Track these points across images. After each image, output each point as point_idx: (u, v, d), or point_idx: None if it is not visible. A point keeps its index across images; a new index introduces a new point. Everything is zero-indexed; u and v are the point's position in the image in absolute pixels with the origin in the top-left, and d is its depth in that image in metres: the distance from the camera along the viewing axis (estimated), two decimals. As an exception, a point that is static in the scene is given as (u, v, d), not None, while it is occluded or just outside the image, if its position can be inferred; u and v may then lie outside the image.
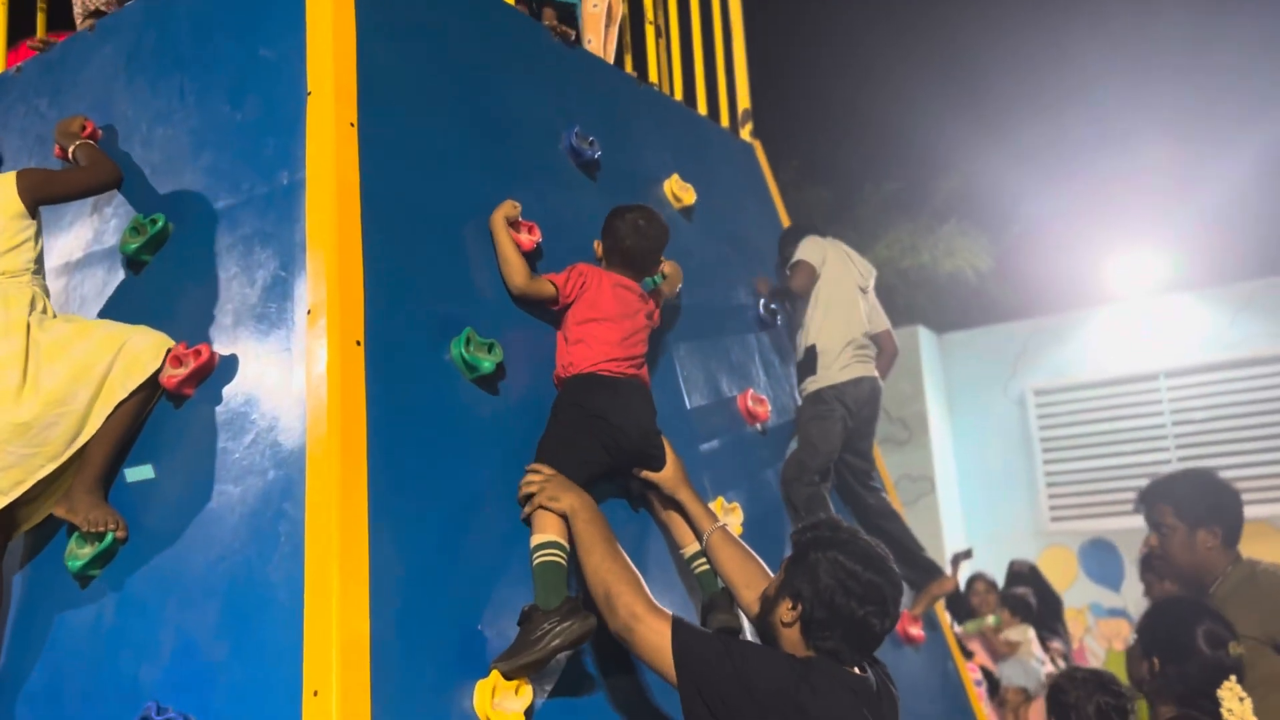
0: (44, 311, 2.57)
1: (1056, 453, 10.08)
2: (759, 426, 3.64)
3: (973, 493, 10.45)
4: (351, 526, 2.10)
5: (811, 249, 4.09)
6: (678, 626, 2.12)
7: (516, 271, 2.78)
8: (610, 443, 2.68)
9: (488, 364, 2.54)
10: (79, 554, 2.40)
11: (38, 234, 2.64)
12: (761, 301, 3.98)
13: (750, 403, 3.60)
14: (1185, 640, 2.58)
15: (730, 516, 3.19)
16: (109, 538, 2.38)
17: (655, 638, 2.12)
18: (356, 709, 1.96)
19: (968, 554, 7.34)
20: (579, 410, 2.69)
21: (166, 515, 2.39)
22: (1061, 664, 6.30)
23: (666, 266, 3.19)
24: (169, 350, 2.48)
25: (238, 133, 2.70)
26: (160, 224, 2.70)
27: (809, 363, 3.96)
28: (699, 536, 2.81)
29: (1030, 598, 6.53)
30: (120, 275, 2.79)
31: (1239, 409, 9.15)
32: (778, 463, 3.69)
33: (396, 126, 2.68)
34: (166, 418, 2.51)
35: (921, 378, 10.28)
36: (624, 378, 2.77)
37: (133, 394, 2.43)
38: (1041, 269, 11.06)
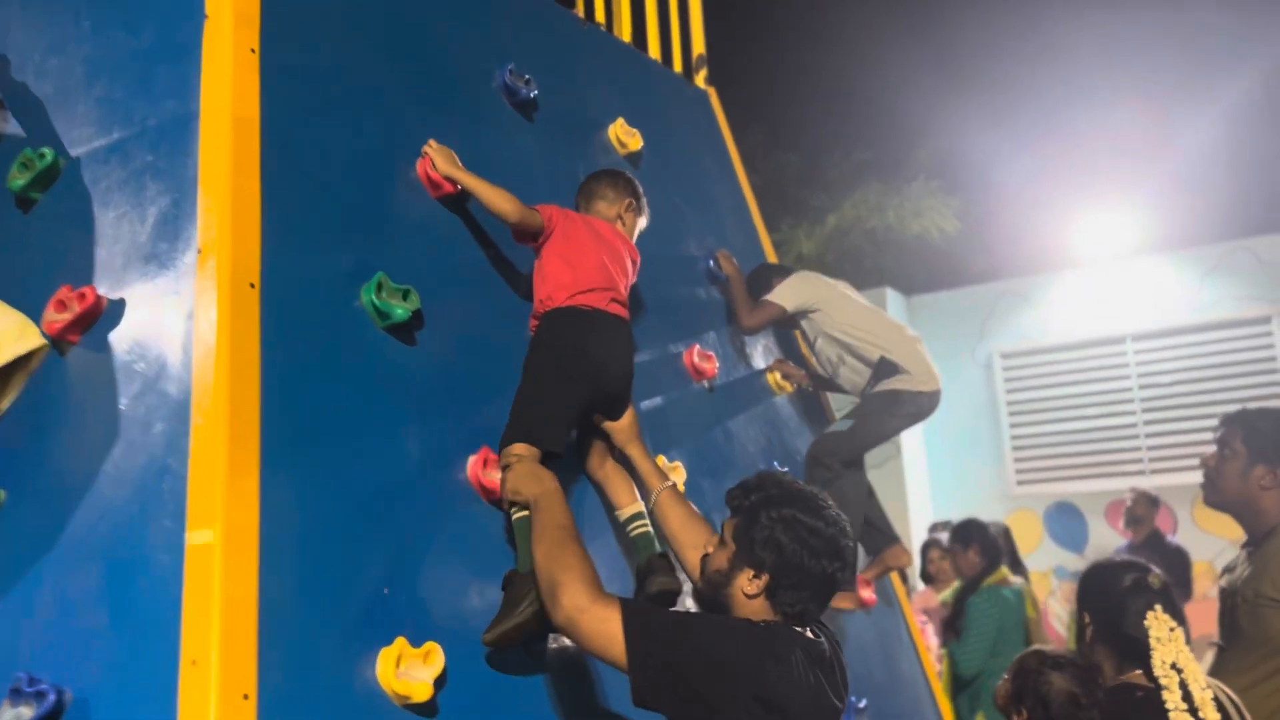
0: None
1: (1023, 416, 10.01)
2: (706, 384, 3.49)
3: (939, 456, 10.38)
4: (239, 483, 1.94)
5: (794, 290, 3.82)
6: (627, 608, 1.95)
7: (507, 202, 2.61)
8: (591, 378, 2.56)
9: (401, 311, 2.37)
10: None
11: None
12: (711, 261, 3.81)
13: (696, 359, 3.44)
14: (1111, 591, 2.45)
15: (672, 476, 3.04)
16: None
17: (602, 625, 1.93)
18: (239, 679, 1.81)
19: (946, 526, 7.24)
20: (557, 347, 2.55)
21: (49, 471, 2.21)
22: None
23: None
24: (37, 335, 2.28)
25: (133, 61, 2.50)
26: (49, 159, 2.50)
27: (887, 369, 3.76)
28: (645, 495, 2.69)
29: None
30: (8, 214, 2.59)
31: (1206, 373, 9.09)
32: (726, 420, 3.54)
33: (305, 55, 2.49)
34: (51, 366, 2.32)
35: (889, 340, 10.15)
36: (605, 313, 2.63)
37: None
38: (1010, 231, 10.94)
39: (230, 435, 1.95)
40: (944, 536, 7.42)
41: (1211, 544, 8.44)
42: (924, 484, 10.31)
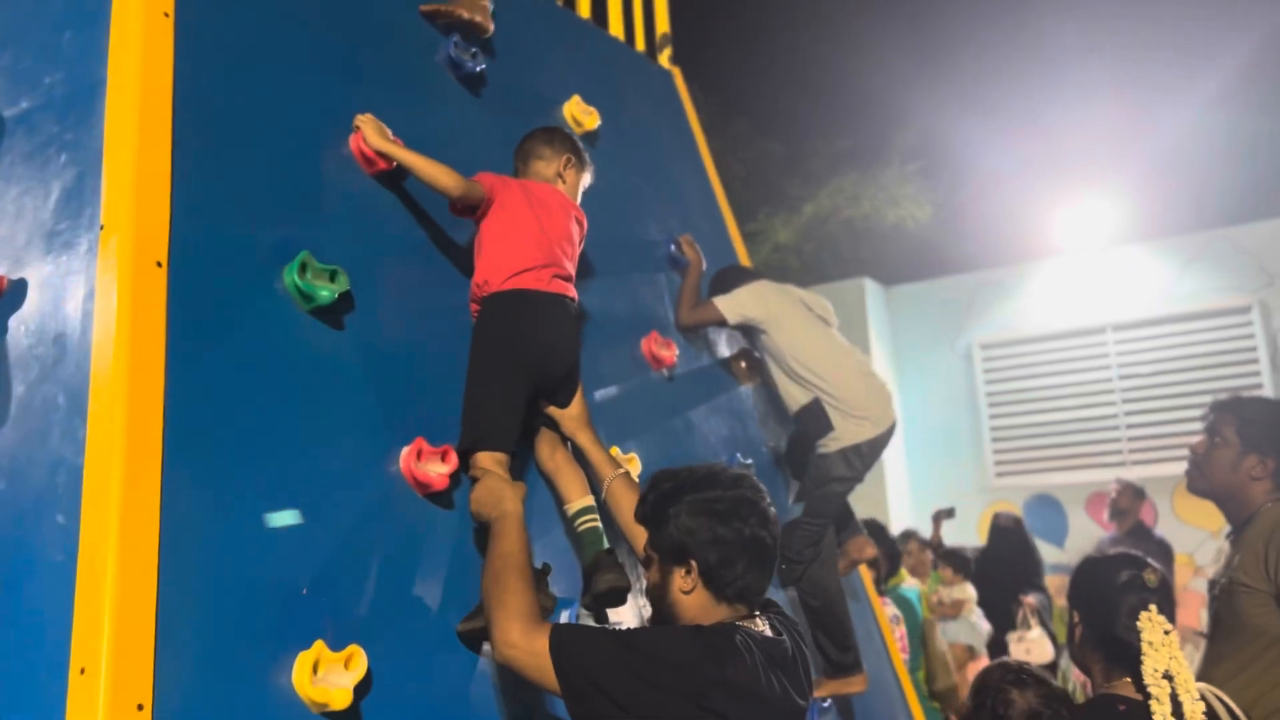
0: None
1: (1002, 407, 9.92)
2: (665, 372, 3.36)
3: (917, 448, 10.28)
4: (138, 476, 1.79)
5: (740, 302, 3.51)
6: (556, 636, 1.87)
7: (447, 176, 2.48)
8: (536, 364, 2.46)
9: (326, 293, 2.23)
10: None
11: None
12: (673, 245, 3.67)
13: (655, 346, 3.30)
14: (1104, 588, 2.20)
15: (625, 467, 2.90)
16: None
17: (533, 659, 1.87)
18: (133, 689, 1.66)
19: (950, 513, 7.09)
20: (498, 336, 2.45)
21: (-56, 464, 2.06)
22: (1034, 621, 6.08)
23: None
24: None
25: (42, 27, 2.35)
26: (-47, 132, 2.34)
27: (816, 418, 3.46)
28: (596, 485, 2.57)
29: (966, 552, 6.34)
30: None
31: (1186, 363, 9.01)
32: (686, 410, 3.41)
33: (228, 19, 2.34)
34: (-51, 352, 2.17)
35: (867, 331, 10.06)
36: (547, 294, 2.51)
37: None
38: (989, 221, 10.83)
39: (128, 425, 1.81)
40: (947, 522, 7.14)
41: (1191, 536, 8.36)
42: (902, 476, 10.21)
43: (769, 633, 1.97)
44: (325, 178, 2.43)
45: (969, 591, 6.14)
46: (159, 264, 1.98)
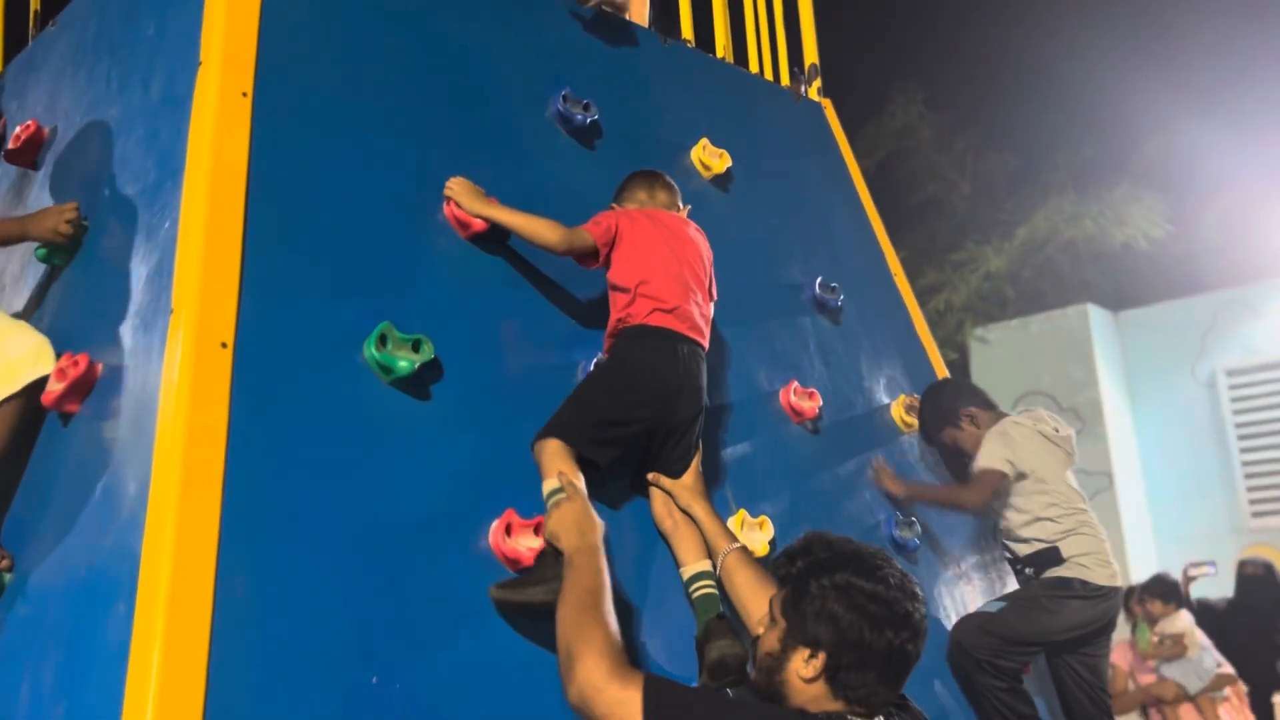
0: None
1: (1255, 440, 8.94)
2: (807, 425, 3.11)
3: (1158, 487, 9.42)
4: (187, 571, 1.75)
5: (1001, 450, 3.20)
6: (649, 690, 1.66)
7: (547, 229, 2.41)
8: (654, 400, 2.35)
9: (405, 364, 2.15)
10: (-41, 592, 2.14)
11: None
12: (819, 281, 3.42)
13: (794, 397, 3.07)
14: None
15: (755, 534, 2.68)
16: None
17: (619, 708, 1.65)
18: (171, 793, 1.60)
19: (1207, 567, 6.27)
20: (615, 365, 2.39)
21: (44, 546, 2.10)
22: None
23: None
24: (52, 358, 2.20)
25: (144, 116, 2.42)
26: (69, 223, 2.44)
27: (1049, 559, 3.17)
28: (712, 559, 2.38)
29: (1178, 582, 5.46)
30: (36, 282, 2.56)
31: None
32: (834, 466, 3.14)
33: (309, 94, 2.35)
34: (54, 436, 2.23)
35: (1094, 361, 9.34)
36: (674, 333, 2.40)
37: (4, 405, 2.16)
38: (1230, 235, 9.80)
39: (179, 514, 1.77)
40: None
41: None
42: (1143, 516, 9.37)
43: None
44: (414, 246, 2.38)
45: (1183, 621, 5.33)
46: (223, 345, 1.95)
